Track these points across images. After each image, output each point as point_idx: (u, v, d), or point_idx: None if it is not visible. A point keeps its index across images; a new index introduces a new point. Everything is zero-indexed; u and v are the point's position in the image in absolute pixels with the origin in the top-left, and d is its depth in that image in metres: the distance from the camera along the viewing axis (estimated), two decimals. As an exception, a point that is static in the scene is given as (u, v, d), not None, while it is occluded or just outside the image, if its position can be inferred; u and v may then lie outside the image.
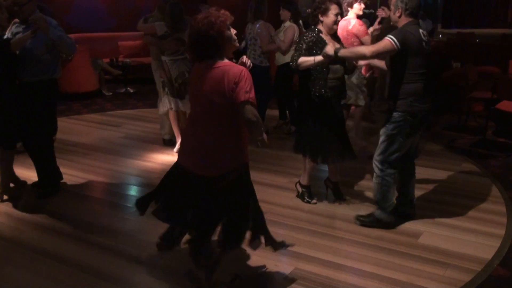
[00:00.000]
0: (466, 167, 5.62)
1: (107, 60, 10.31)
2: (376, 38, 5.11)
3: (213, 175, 2.99)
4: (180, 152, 3.21)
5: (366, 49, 3.96)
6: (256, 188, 4.86)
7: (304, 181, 4.63)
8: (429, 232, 4.03)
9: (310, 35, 4.30)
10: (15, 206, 4.55)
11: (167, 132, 6.41)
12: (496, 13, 26.86)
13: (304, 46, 4.27)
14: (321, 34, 4.29)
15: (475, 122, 7.44)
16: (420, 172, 5.22)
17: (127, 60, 10.42)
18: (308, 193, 4.63)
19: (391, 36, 3.75)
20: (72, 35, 10.38)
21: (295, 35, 6.38)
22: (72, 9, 11.21)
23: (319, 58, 4.11)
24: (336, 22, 4.31)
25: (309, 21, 4.52)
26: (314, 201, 4.61)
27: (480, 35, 15.26)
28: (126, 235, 4.01)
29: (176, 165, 3.17)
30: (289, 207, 4.52)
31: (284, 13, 6.62)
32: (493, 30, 19.93)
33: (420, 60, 3.87)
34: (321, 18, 4.30)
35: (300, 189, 4.69)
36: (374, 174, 4.09)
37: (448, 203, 4.62)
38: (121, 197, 4.84)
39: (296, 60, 4.25)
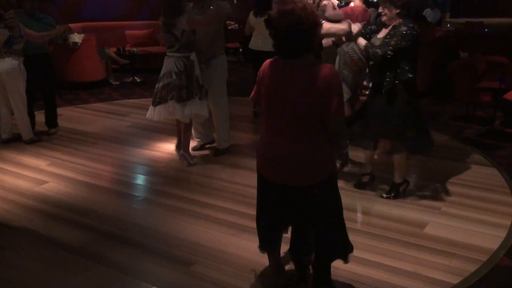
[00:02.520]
0: (473, 158, 5.60)
1: (114, 49, 10.32)
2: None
3: (307, 184, 2.73)
4: (263, 164, 2.85)
5: None
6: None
7: None
8: (435, 222, 4.03)
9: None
10: (22, 194, 4.59)
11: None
12: (505, 2, 26.59)
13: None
14: None
15: (483, 112, 7.39)
16: (427, 162, 5.25)
17: (134, 49, 10.43)
18: None
19: None
20: (79, 24, 10.50)
21: None
22: (79, -2, 11.22)
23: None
24: None
25: None
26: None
27: (488, 25, 15.15)
28: (132, 224, 4.04)
29: (263, 180, 2.88)
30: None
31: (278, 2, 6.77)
32: (502, 19, 19.76)
33: None
34: None
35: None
36: None
37: (454, 193, 4.61)
38: (128, 186, 4.87)
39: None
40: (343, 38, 4.39)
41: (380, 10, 4.15)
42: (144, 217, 4.19)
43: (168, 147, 5.92)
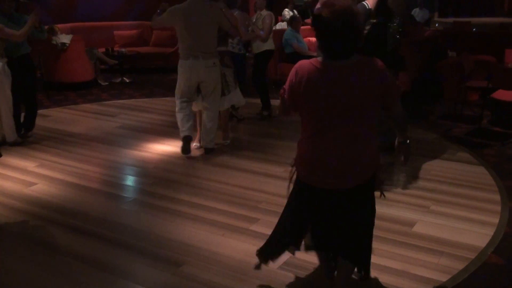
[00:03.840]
0: (461, 156, 5.64)
1: (102, 49, 10.28)
2: None
3: (356, 184, 2.66)
4: (310, 174, 2.70)
5: None
6: (250, 177, 4.97)
7: None
8: (423, 220, 4.05)
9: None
10: (10, 196, 4.55)
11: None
12: (493, 2, 26.81)
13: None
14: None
15: (471, 111, 7.45)
16: (415, 161, 5.27)
17: (123, 49, 10.40)
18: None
19: None
20: (67, 25, 10.45)
21: (273, 22, 6.82)
22: (67, -1, 11.16)
23: None
24: None
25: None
26: None
27: (476, 24, 15.27)
28: (122, 225, 4.02)
29: (303, 189, 2.78)
30: (284, 197, 4.41)
31: (260, 2, 6.98)
32: (490, 19, 19.94)
33: None
34: None
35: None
36: None
37: (442, 192, 4.64)
38: (117, 187, 4.85)
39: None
40: None
41: None
42: (134, 218, 4.18)
43: (157, 148, 5.91)
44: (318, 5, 4.48)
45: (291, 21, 9.71)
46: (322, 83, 2.52)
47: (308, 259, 3.43)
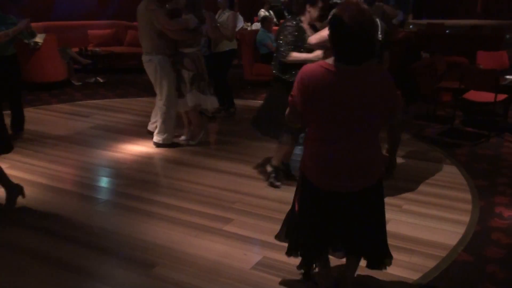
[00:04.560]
0: (434, 156, 5.71)
1: (76, 49, 10.15)
2: None
3: (365, 186, 2.69)
4: (321, 177, 2.68)
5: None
6: (225, 178, 4.96)
7: (275, 161, 4.67)
8: (395, 219, 4.09)
9: (292, 24, 4.31)
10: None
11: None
12: (466, 4, 27.25)
13: (290, 38, 4.26)
14: (301, 24, 4.31)
15: (444, 112, 7.57)
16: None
17: (97, 49, 10.29)
18: (275, 175, 4.67)
19: None
20: (40, 24, 10.28)
21: (236, 21, 6.98)
22: (40, -3, 10.99)
23: (313, 55, 4.15)
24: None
25: (287, 10, 4.55)
26: (278, 183, 4.67)
27: (449, 26, 15.50)
28: (95, 227, 3.97)
29: (314, 194, 2.74)
30: (258, 197, 4.54)
31: (222, 1, 7.09)
32: (463, 21, 20.22)
33: None
34: (308, 9, 4.31)
35: (269, 169, 4.72)
36: None
37: (415, 191, 4.70)
38: (90, 189, 4.79)
39: (287, 54, 4.25)
40: None
41: None
42: (107, 219, 4.13)
43: (131, 148, 5.86)
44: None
45: (263, 22, 9.75)
46: (338, 87, 2.48)
47: (281, 259, 3.43)
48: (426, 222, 4.07)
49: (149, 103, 5.65)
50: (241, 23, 11.23)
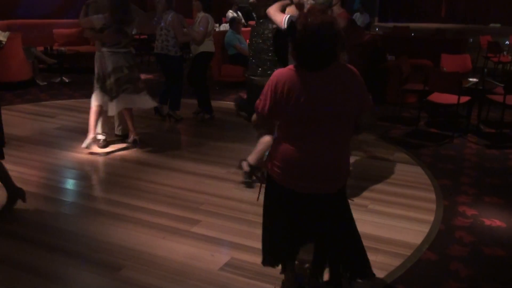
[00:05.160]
0: (399, 156, 5.81)
1: (41, 48, 9.97)
2: None
3: (337, 189, 2.72)
4: (289, 177, 2.66)
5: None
6: (192, 179, 4.95)
7: (253, 160, 4.68)
8: (361, 219, 4.10)
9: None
10: None
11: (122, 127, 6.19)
12: (430, 9, 27.82)
13: None
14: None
15: (409, 113, 7.70)
16: (354, 161, 5.39)
17: (62, 48, 10.12)
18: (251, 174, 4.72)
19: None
20: (4, 22, 10.06)
21: (210, 25, 6.85)
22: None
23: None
24: None
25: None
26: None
27: (414, 29, 15.80)
28: (60, 230, 3.90)
29: (282, 195, 2.73)
30: (226, 197, 4.54)
31: (196, 4, 7.03)
32: (427, 24, 20.66)
33: None
34: None
35: (246, 168, 4.73)
36: None
37: (380, 191, 4.77)
38: (55, 191, 4.70)
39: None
40: None
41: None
42: (72, 222, 4.07)
43: (97, 150, 5.77)
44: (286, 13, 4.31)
45: (232, 23, 9.76)
46: (305, 90, 2.50)
47: (249, 259, 3.46)
48: (391, 222, 4.14)
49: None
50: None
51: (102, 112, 5.74)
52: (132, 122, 5.93)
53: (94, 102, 5.71)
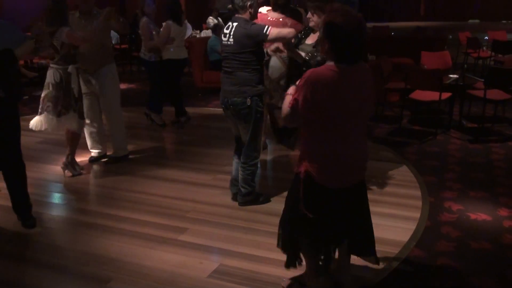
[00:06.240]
0: (383, 155, 5.84)
1: (21, 62, 9.87)
2: None
3: (360, 180, 2.90)
4: (332, 175, 2.75)
5: None
6: (177, 187, 4.93)
7: None
8: (349, 220, 4.15)
9: None
10: None
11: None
12: (410, 8, 28.09)
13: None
14: None
15: (392, 112, 7.75)
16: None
17: (43, 61, 10.04)
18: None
19: None
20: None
21: (170, 32, 6.82)
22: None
23: (288, 31, 4.27)
24: None
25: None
26: None
27: (394, 28, 15.90)
28: (45, 245, 3.87)
29: (323, 194, 2.78)
30: (213, 204, 4.52)
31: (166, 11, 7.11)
32: (407, 23, 20.84)
33: None
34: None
35: None
36: None
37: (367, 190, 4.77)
38: (39, 205, 4.63)
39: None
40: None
41: (308, 15, 4.12)
42: (58, 235, 4.04)
43: (81, 162, 5.72)
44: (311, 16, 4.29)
45: (215, 29, 9.75)
46: (345, 87, 2.64)
47: (237, 265, 3.45)
48: (378, 220, 4.10)
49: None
50: (189, 31, 11.20)
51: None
52: (71, 145, 5.35)
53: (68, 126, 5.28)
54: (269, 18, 5.30)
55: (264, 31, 4.03)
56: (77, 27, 5.08)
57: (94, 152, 5.82)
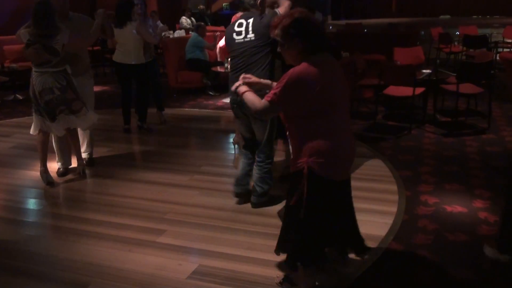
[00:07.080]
0: (359, 151, 5.85)
1: (-9, 66, 9.71)
2: None
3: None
4: (334, 167, 2.75)
5: None
6: (154, 189, 4.90)
7: None
8: (327, 216, 4.17)
9: None
10: None
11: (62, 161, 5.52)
12: (382, 4, 28.36)
13: None
14: None
15: (366, 108, 7.82)
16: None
17: (14, 65, 9.87)
18: None
19: None
20: None
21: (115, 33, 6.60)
22: None
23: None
24: None
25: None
26: None
27: (367, 25, 16.02)
28: (22, 252, 3.79)
29: (327, 186, 2.77)
30: (189, 205, 4.50)
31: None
32: (379, 20, 21.03)
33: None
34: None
35: None
36: None
37: (344, 186, 4.81)
38: (15, 212, 4.56)
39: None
40: None
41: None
42: (34, 242, 3.95)
43: (55, 166, 5.62)
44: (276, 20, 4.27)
45: (198, 28, 9.75)
46: (330, 77, 2.67)
47: (217, 265, 3.44)
48: (356, 216, 4.17)
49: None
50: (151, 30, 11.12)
51: (47, 138, 5.26)
52: (76, 148, 5.35)
53: (34, 131, 5.25)
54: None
55: (277, 13, 4.05)
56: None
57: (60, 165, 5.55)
